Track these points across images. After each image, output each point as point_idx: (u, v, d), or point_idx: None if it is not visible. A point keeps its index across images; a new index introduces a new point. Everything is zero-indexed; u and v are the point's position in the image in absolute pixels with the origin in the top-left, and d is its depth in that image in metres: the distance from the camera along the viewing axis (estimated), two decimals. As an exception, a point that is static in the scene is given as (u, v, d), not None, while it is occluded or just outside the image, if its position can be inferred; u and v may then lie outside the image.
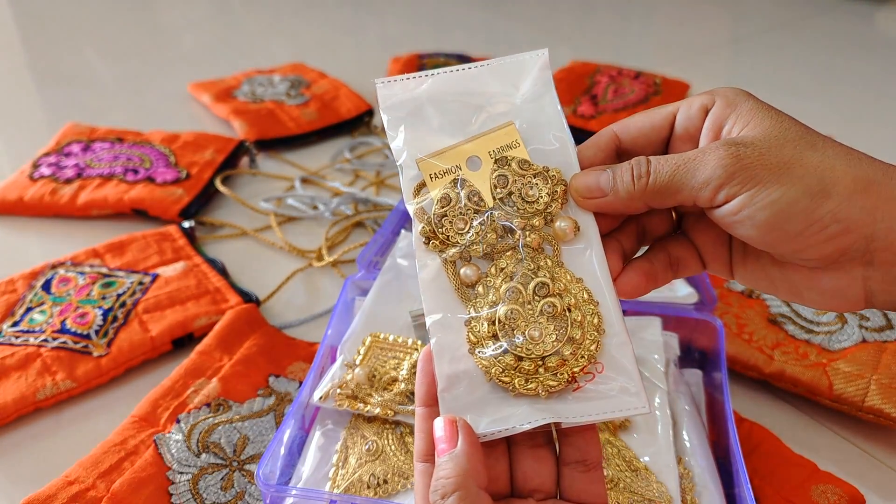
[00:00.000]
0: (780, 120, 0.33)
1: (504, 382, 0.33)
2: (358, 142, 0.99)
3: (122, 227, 0.80)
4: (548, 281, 0.34)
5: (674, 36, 1.51)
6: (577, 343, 0.33)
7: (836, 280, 0.33)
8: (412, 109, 0.37)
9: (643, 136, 0.36)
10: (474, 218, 0.35)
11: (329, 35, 1.47)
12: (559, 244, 0.35)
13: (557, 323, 0.33)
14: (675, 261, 0.38)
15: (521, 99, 0.38)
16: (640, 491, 0.44)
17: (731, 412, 0.50)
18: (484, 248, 0.35)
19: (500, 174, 0.36)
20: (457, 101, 0.38)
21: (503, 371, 0.33)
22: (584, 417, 0.32)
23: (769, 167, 0.31)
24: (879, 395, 0.55)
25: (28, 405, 0.56)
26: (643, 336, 0.55)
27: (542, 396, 0.33)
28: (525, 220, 0.35)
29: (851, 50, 1.39)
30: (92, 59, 1.32)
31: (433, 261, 0.35)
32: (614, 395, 0.33)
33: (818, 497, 0.48)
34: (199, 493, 0.48)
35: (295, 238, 0.80)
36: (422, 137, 0.37)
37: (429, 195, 0.36)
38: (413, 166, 0.36)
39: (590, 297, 0.34)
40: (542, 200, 0.35)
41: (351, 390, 0.49)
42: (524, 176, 0.36)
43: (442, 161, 0.36)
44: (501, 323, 0.33)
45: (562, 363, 0.33)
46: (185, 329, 0.63)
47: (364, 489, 0.44)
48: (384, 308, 0.56)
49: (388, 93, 0.37)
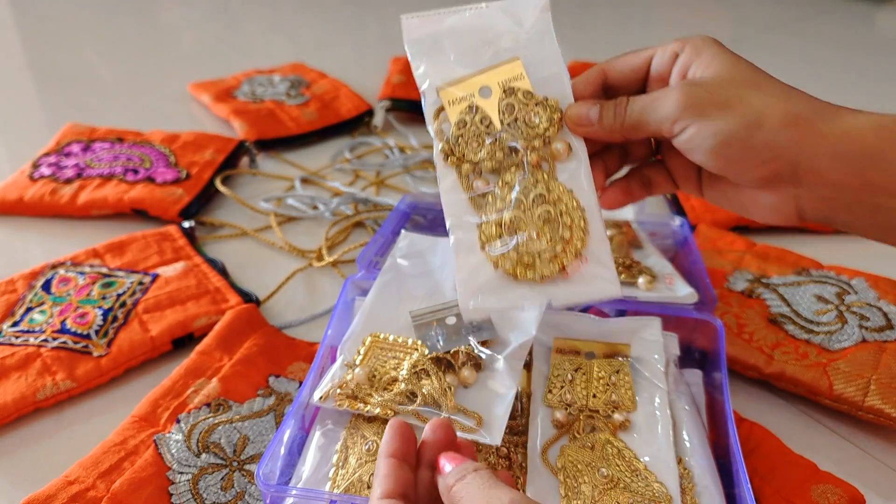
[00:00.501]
0: (735, 63, 0.39)
1: (508, 272, 0.42)
2: (358, 142, 0.99)
3: (122, 227, 0.80)
4: (544, 192, 0.42)
5: (674, 36, 1.51)
6: (567, 241, 0.42)
7: (773, 198, 0.40)
8: (432, 43, 0.44)
9: (624, 76, 0.44)
10: (485, 139, 0.43)
11: (329, 35, 1.47)
12: (554, 162, 0.43)
13: (551, 226, 0.42)
14: (649, 181, 0.47)
15: (526, 36, 0.45)
16: (640, 491, 0.44)
17: (731, 412, 0.49)
18: (493, 165, 0.43)
19: (508, 102, 0.43)
20: (470, 36, 0.45)
21: (508, 263, 0.42)
22: (571, 299, 0.42)
23: (716, 104, 0.38)
24: (879, 394, 0.55)
25: (28, 405, 0.56)
26: (643, 336, 0.55)
27: (538, 282, 0.42)
28: (527, 142, 0.43)
29: (851, 50, 1.39)
30: (92, 59, 1.32)
31: (451, 174, 0.43)
32: (595, 282, 0.42)
33: (818, 497, 0.48)
34: (199, 493, 0.48)
35: (295, 238, 0.80)
36: (440, 68, 0.44)
37: (447, 119, 0.44)
38: (433, 93, 0.44)
39: (578, 205, 0.43)
40: (542, 126, 0.43)
41: (351, 390, 0.49)
42: (527, 104, 0.43)
43: (458, 90, 0.44)
44: (507, 226, 0.42)
45: (554, 257, 0.42)
46: (185, 329, 0.63)
47: (364, 489, 0.44)
48: (384, 308, 0.56)
49: (411, 26, 0.45)
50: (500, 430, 0.46)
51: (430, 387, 0.47)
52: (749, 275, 0.69)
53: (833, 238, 0.80)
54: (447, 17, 0.45)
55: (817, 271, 0.69)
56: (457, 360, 0.50)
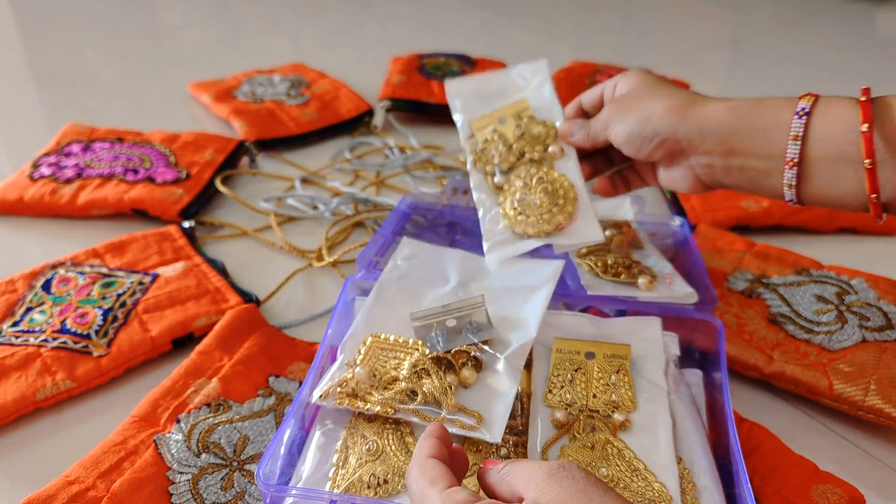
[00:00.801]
0: (642, 80, 0.55)
1: (522, 232, 0.58)
2: (358, 142, 0.99)
3: (122, 227, 0.80)
4: (544, 177, 0.60)
5: (674, 36, 1.51)
6: (561, 206, 0.58)
7: (679, 172, 0.54)
8: (468, 94, 0.66)
9: (592, 102, 0.60)
10: (502, 149, 0.62)
11: (329, 35, 1.47)
12: (552, 161, 0.62)
13: (550, 197, 0.59)
14: (626, 179, 0.62)
15: (531, 86, 0.66)
16: (640, 491, 0.44)
17: (731, 412, 0.49)
18: (507, 166, 0.62)
19: (518, 125, 0.63)
20: (492, 88, 0.66)
21: (520, 226, 0.58)
22: (567, 242, 0.57)
23: (623, 110, 0.55)
24: (879, 394, 0.55)
25: (28, 405, 0.56)
26: (643, 336, 0.55)
27: (542, 237, 0.58)
28: (531, 147, 0.62)
29: (851, 50, 1.39)
30: (92, 59, 1.32)
31: (478, 174, 0.62)
32: (582, 231, 0.58)
33: (818, 497, 0.48)
34: (199, 493, 0.48)
35: (295, 238, 0.80)
36: (472, 109, 0.65)
37: (476, 140, 0.64)
38: (467, 126, 0.64)
39: (569, 184, 0.60)
40: (542, 137, 0.62)
41: (351, 389, 0.49)
42: (531, 124, 0.63)
43: (483, 121, 0.64)
44: (519, 201, 0.59)
45: (553, 217, 0.58)
46: (185, 329, 0.63)
47: (364, 489, 0.44)
48: (385, 308, 0.56)
49: (452, 85, 0.66)
50: (501, 429, 0.46)
51: (430, 385, 0.47)
52: (749, 275, 0.69)
53: (833, 238, 0.80)
54: (477, 77, 0.66)
55: (817, 271, 0.69)
56: (457, 361, 0.50)
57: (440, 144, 0.99)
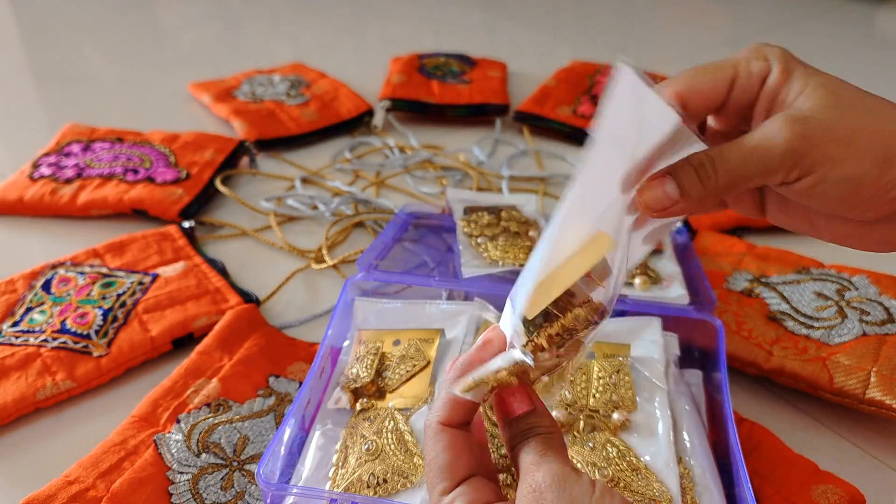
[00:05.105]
0: (834, 86, 0.34)
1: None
2: (358, 142, 0.99)
3: (122, 227, 0.80)
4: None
5: (674, 36, 1.51)
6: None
7: (886, 230, 0.35)
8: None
9: (704, 99, 0.35)
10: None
11: (329, 35, 1.47)
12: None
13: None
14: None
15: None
16: (640, 491, 0.44)
17: (731, 412, 0.49)
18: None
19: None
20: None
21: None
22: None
23: (836, 142, 0.32)
24: (880, 387, 0.55)
25: (28, 405, 0.56)
26: (643, 336, 0.55)
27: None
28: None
29: (851, 50, 1.39)
30: (92, 59, 1.32)
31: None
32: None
33: (818, 497, 0.48)
34: (199, 493, 0.48)
35: (295, 238, 0.80)
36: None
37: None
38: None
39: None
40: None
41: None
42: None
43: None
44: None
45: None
46: (185, 329, 0.63)
47: (364, 489, 0.44)
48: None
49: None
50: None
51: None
52: (749, 275, 0.69)
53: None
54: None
55: (818, 270, 0.69)
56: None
57: (440, 144, 0.99)
